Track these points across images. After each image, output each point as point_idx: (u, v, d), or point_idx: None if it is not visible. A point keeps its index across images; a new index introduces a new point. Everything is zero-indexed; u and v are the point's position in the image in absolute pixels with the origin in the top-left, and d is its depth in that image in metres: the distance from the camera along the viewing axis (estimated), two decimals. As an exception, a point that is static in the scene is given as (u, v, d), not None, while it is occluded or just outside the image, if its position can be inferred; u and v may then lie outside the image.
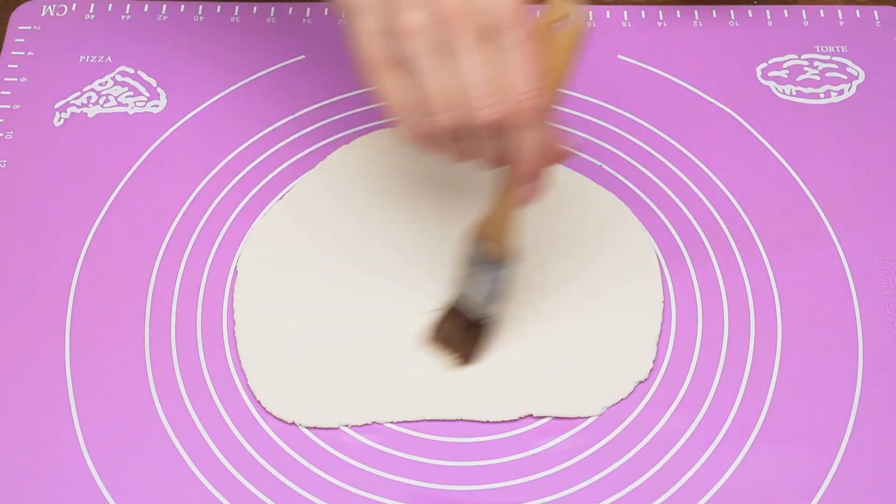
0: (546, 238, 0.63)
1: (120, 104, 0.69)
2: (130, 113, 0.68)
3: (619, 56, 0.70)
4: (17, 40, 0.71)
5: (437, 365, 0.59)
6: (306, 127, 0.68)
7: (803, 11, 0.72)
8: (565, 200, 0.64)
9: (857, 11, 0.72)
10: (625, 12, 0.72)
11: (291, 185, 0.65)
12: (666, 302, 0.61)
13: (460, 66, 0.49)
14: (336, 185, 0.65)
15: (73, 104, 0.69)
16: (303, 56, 0.70)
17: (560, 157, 0.53)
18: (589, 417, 0.58)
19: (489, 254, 0.57)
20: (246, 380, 0.59)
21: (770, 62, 0.70)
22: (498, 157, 0.52)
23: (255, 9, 0.73)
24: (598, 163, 0.66)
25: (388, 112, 0.51)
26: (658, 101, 0.68)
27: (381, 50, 0.50)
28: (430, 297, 0.61)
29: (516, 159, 0.51)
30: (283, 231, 0.64)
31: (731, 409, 0.58)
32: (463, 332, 0.59)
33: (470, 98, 0.49)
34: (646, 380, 0.59)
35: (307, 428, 0.58)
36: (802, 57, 0.70)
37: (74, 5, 0.73)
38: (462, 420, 0.58)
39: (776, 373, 0.59)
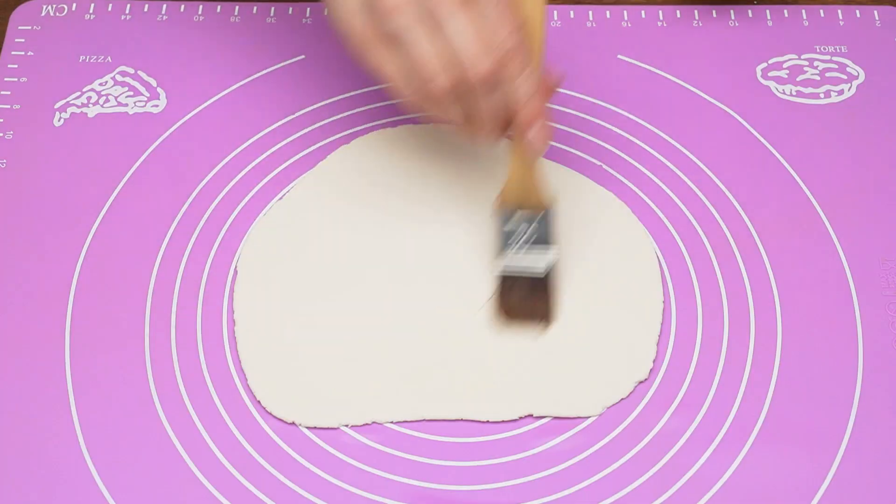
0: (546, 238, 0.63)
1: (120, 104, 0.69)
2: (130, 113, 0.68)
3: (619, 56, 0.70)
4: (17, 40, 0.71)
5: (436, 365, 0.59)
6: (306, 127, 0.68)
7: (803, 11, 0.72)
8: (565, 200, 0.64)
9: (857, 11, 0.72)
10: (625, 12, 0.72)
11: (291, 185, 0.65)
12: (666, 302, 0.61)
13: (447, 31, 0.52)
14: (336, 185, 0.65)
15: (73, 104, 0.69)
16: (303, 56, 0.70)
17: (552, 90, 0.58)
18: (589, 417, 0.58)
19: (525, 213, 0.59)
20: (246, 380, 0.59)
21: (770, 62, 0.70)
22: (497, 114, 0.55)
23: (255, 9, 0.73)
24: (598, 163, 0.66)
25: (386, 84, 0.54)
26: (658, 101, 0.68)
27: (368, 27, 0.53)
28: (430, 297, 0.61)
29: (516, 106, 0.55)
30: (283, 231, 0.64)
31: (731, 409, 0.58)
32: (531, 296, 0.60)
33: (462, 57, 0.52)
34: (646, 380, 0.59)
35: (307, 428, 0.58)
36: (802, 57, 0.70)
37: (74, 5, 0.73)
38: (462, 420, 0.58)
39: (776, 373, 0.59)
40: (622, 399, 0.58)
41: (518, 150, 0.58)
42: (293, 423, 0.58)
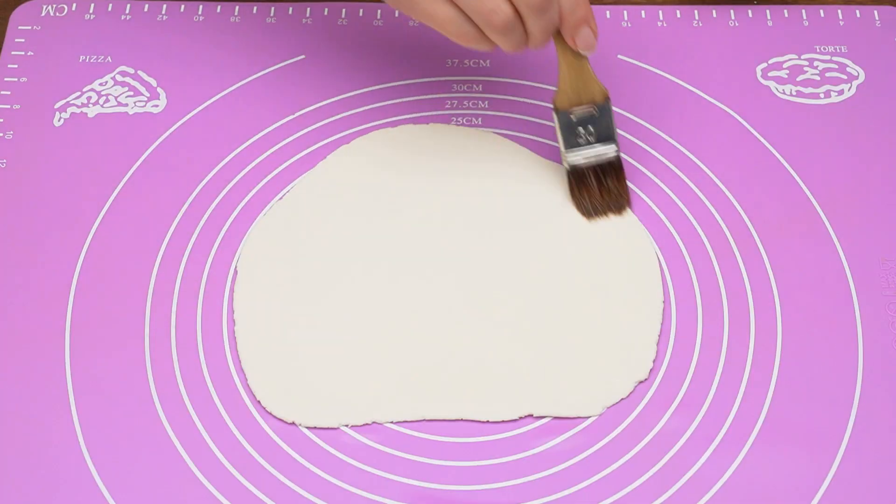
0: (546, 238, 0.63)
1: (120, 104, 0.69)
2: (130, 113, 0.68)
3: (619, 56, 0.70)
4: (17, 40, 0.71)
5: (436, 365, 0.59)
6: (306, 127, 0.68)
7: (803, 11, 0.72)
8: (565, 200, 0.64)
9: (857, 11, 0.72)
10: (625, 12, 0.72)
11: (291, 185, 0.65)
12: (666, 302, 0.61)
13: None
14: (336, 185, 0.65)
15: (73, 104, 0.69)
16: (303, 56, 0.71)
17: None
18: (589, 417, 0.58)
19: (583, 109, 0.62)
20: (246, 380, 0.59)
21: (770, 62, 0.70)
22: (549, 28, 0.58)
23: (255, 9, 0.73)
24: (598, 163, 0.66)
25: (442, 32, 0.56)
26: (658, 101, 0.68)
27: None
28: (430, 296, 0.61)
29: (568, 12, 0.58)
30: (283, 231, 0.64)
31: (731, 409, 0.58)
32: (608, 182, 0.63)
33: None
34: (646, 380, 0.59)
35: (307, 428, 0.58)
36: (802, 57, 0.70)
37: (74, 5, 0.73)
38: (462, 420, 0.58)
39: (776, 373, 0.59)
40: (622, 399, 0.58)
41: (567, 52, 0.60)
42: (293, 423, 0.58)
